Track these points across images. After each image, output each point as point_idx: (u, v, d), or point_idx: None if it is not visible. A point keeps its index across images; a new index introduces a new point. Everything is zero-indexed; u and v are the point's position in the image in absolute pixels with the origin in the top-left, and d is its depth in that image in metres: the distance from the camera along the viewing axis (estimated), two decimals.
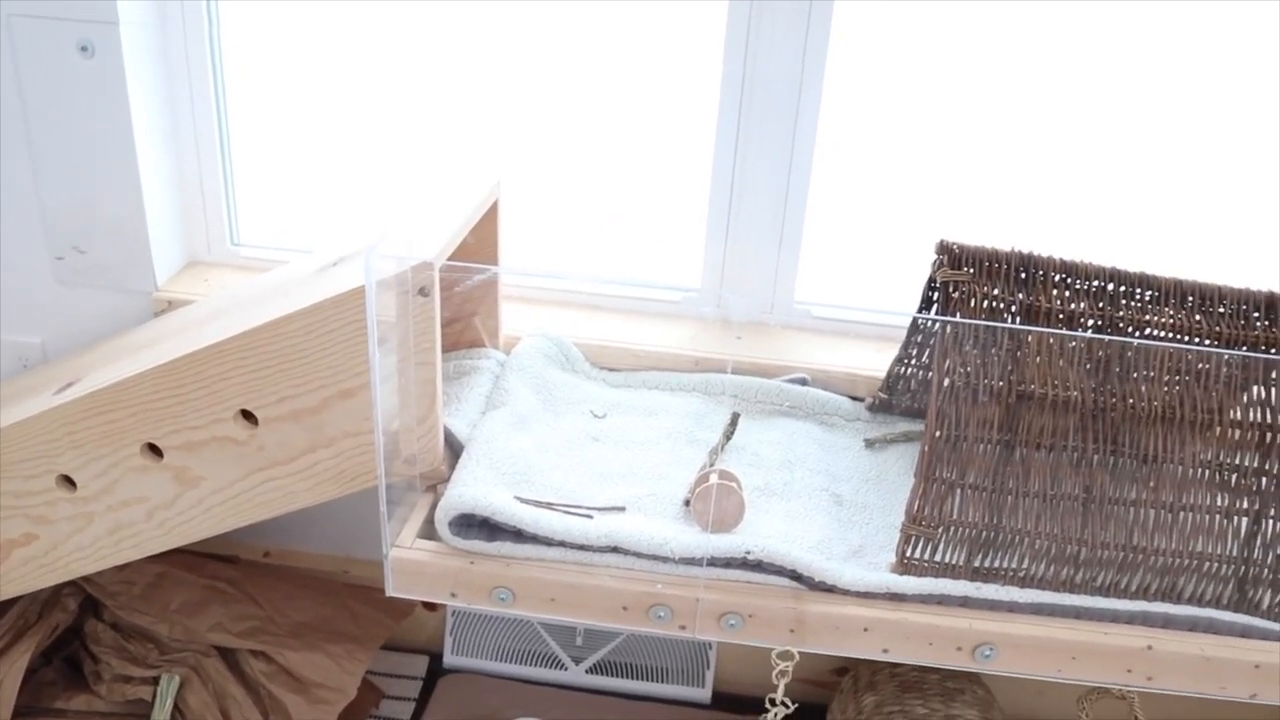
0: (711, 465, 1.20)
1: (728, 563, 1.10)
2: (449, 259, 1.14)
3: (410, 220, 1.20)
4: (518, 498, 1.14)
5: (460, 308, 1.37)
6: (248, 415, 1.19)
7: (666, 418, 1.33)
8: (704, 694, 1.66)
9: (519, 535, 1.12)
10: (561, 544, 1.11)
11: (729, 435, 1.27)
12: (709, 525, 1.11)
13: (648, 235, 1.54)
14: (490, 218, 1.30)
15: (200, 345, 1.17)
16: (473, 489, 1.12)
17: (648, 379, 1.40)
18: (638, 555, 1.10)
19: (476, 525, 1.13)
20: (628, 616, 1.11)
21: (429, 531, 1.14)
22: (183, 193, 1.51)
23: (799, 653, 1.13)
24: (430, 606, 1.66)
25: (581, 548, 1.11)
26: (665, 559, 1.10)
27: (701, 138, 1.42)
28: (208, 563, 1.58)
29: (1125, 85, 1.39)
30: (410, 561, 1.12)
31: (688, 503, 1.16)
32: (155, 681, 1.43)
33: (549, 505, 1.15)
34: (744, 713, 1.60)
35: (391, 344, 1.10)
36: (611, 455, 1.26)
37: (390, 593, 1.14)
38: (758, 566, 1.09)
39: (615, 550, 1.11)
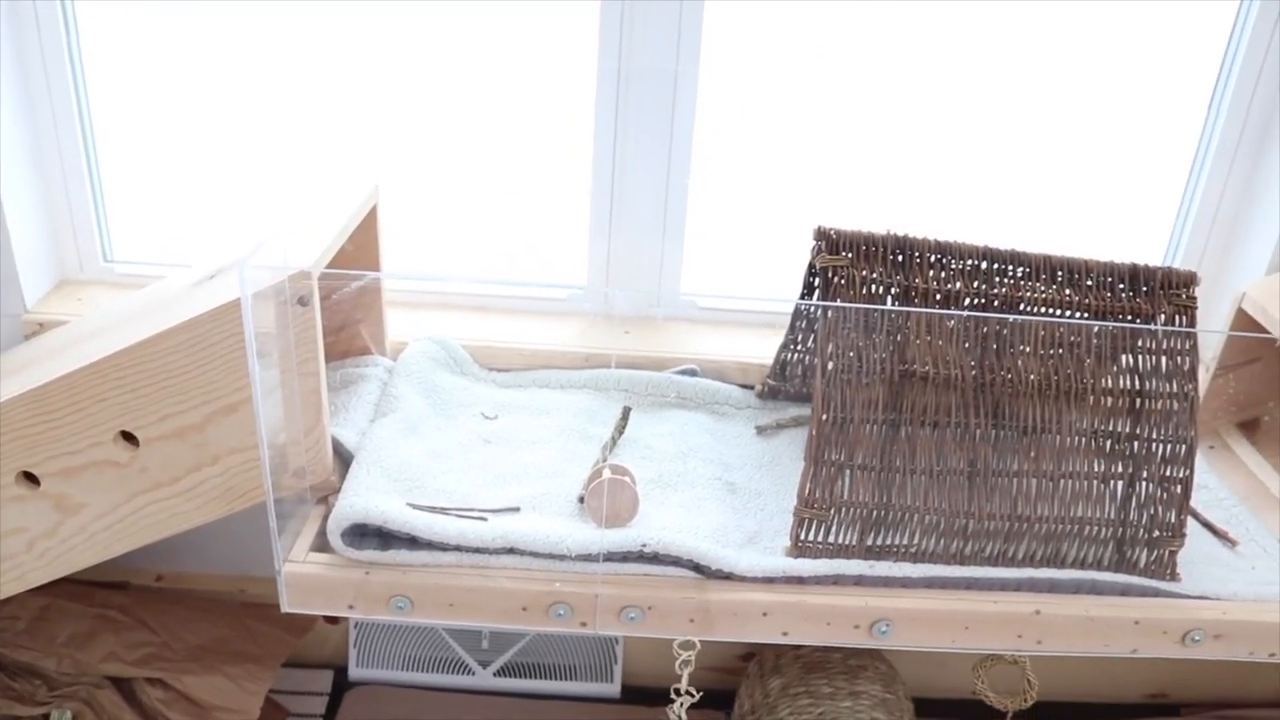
0: (605, 460, 1.21)
1: (625, 557, 1.10)
2: (328, 267, 1.12)
3: (287, 229, 1.17)
4: (410, 504, 1.13)
5: (344, 316, 1.35)
6: (128, 436, 1.15)
7: (558, 416, 1.32)
8: (613, 689, 1.66)
9: (414, 542, 1.10)
10: (457, 548, 1.10)
11: (621, 430, 1.28)
12: (604, 520, 1.11)
13: (531, 234, 1.53)
14: (369, 223, 1.28)
15: (74, 367, 1.13)
16: (364, 498, 1.10)
17: (538, 378, 1.40)
18: (534, 555, 1.10)
19: (370, 535, 1.12)
20: (528, 617, 1.11)
21: (323, 544, 1.12)
22: (50, 209, 1.46)
23: (701, 642, 1.14)
24: (332, 620, 1.63)
25: (478, 551, 1.10)
26: (562, 557, 1.10)
27: (580, 135, 1.42)
28: (96, 591, 1.53)
29: (992, 67, 1.43)
30: (305, 576, 1.10)
31: (582, 499, 1.16)
32: (45, 719, 1.38)
33: (443, 510, 1.14)
34: (654, 704, 1.61)
35: (273, 356, 1.08)
36: (504, 456, 1.25)
37: (286, 609, 1.11)
38: (655, 559, 1.10)
39: (512, 551, 1.10)
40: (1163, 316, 1.15)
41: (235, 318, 1.07)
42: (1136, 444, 1.14)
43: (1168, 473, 1.14)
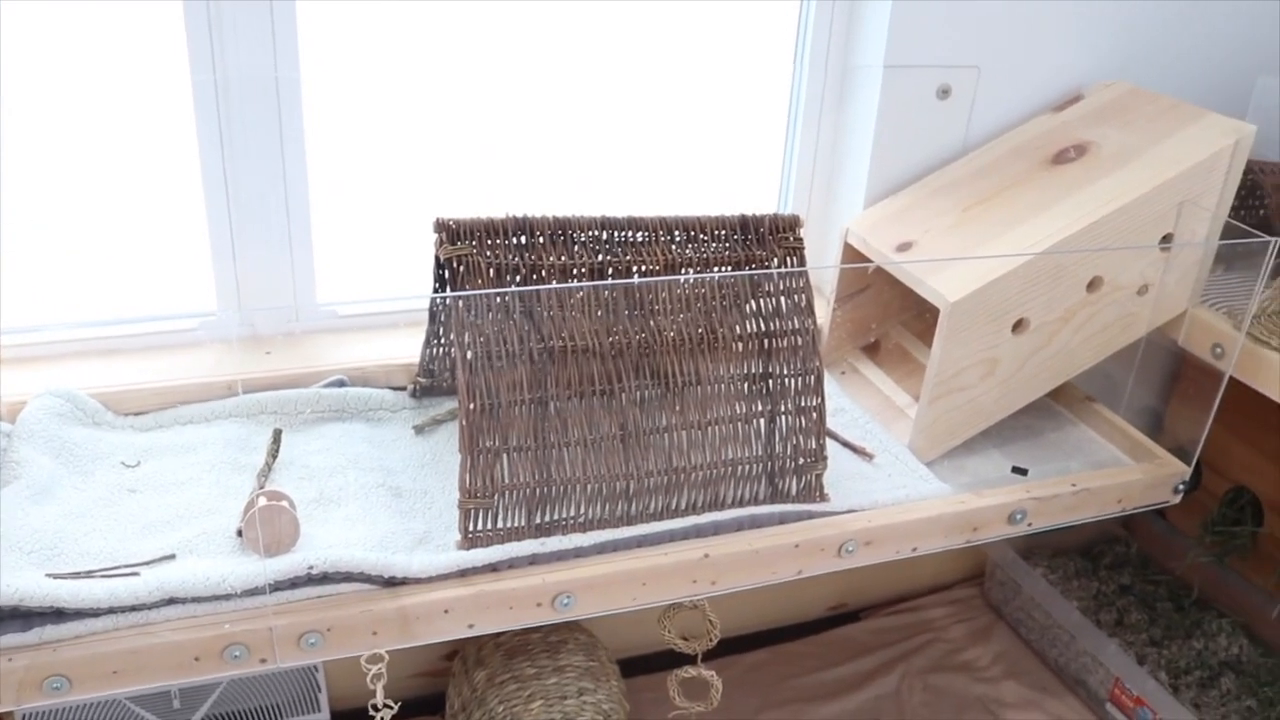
0: (261, 488, 1.16)
1: (294, 583, 1.06)
2: None
3: None
4: (49, 575, 1.04)
5: None
6: None
7: (206, 451, 1.26)
8: (323, 717, 1.61)
9: (60, 615, 1.02)
10: (111, 610, 1.02)
11: (274, 454, 1.23)
12: (264, 550, 1.07)
13: (151, 265, 1.43)
14: None
15: None
16: None
17: (180, 415, 1.32)
18: (197, 600, 1.04)
19: (7, 617, 1.02)
20: (202, 666, 1.05)
21: None
22: None
23: (392, 651, 1.12)
24: None
25: (134, 609, 1.03)
26: (228, 596, 1.04)
27: (185, 154, 1.34)
28: None
29: (592, 44, 1.47)
30: None
31: (240, 533, 1.11)
32: None
33: (88, 574, 1.05)
34: None
35: None
36: (152, 503, 1.18)
37: None
38: (325, 579, 1.06)
39: (172, 602, 1.04)
40: (775, 260, 1.23)
41: None
42: (771, 382, 1.21)
43: (803, 403, 1.22)
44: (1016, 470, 1.40)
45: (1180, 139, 1.41)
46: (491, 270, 1.13)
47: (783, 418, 1.22)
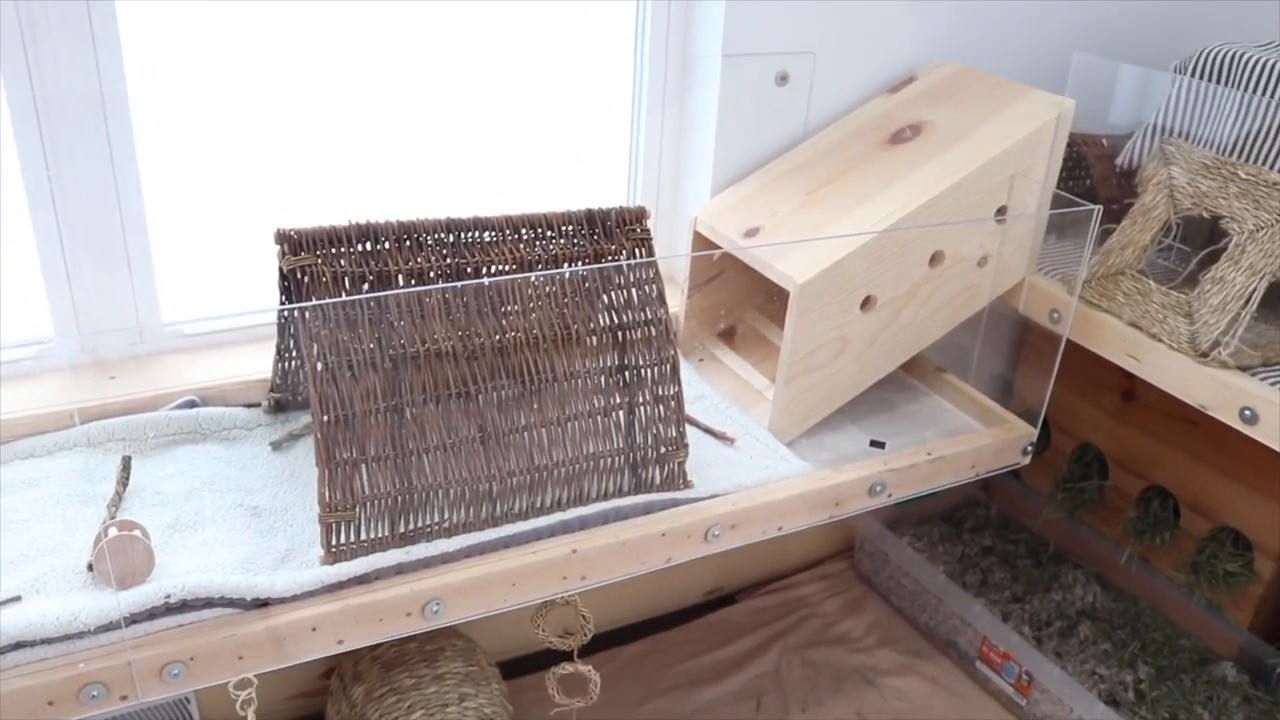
0: (111, 519, 1.12)
1: (151, 614, 1.03)
2: None
3: None
4: None
5: None
6: None
7: (50, 485, 1.21)
8: None
9: None
10: None
11: (124, 482, 1.19)
12: (117, 582, 1.03)
13: None
14: None
15: None
16: None
17: (19, 449, 1.26)
18: (48, 642, 1.00)
19: None
20: (58, 710, 1.00)
21: None
22: None
23: (258, 676, 1.09)
24: None
25: None
26: (81, 635, 1.00)
27: (7, 174, 1.29)
28: None
29: (434, 44, 1.46)
30: None
31: (91, 567, 1.07)
32: None
33: None
34: None
35: None
36: None
37: None
38: (184, 607, 1.03)
39: (20, 646, 0.99)
40: (624, 253, 1.24)
41: None
42: (628, 374, 1.22)
43: (660, 392, 1.23)
44: (874, 444, 1.44)
45: (1007, 115, 1.47)
46: (338, 279, 1.11)
47: (642, 408, 1.23)
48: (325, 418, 1.06)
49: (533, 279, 1.18)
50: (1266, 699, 1.64)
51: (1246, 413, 1.30)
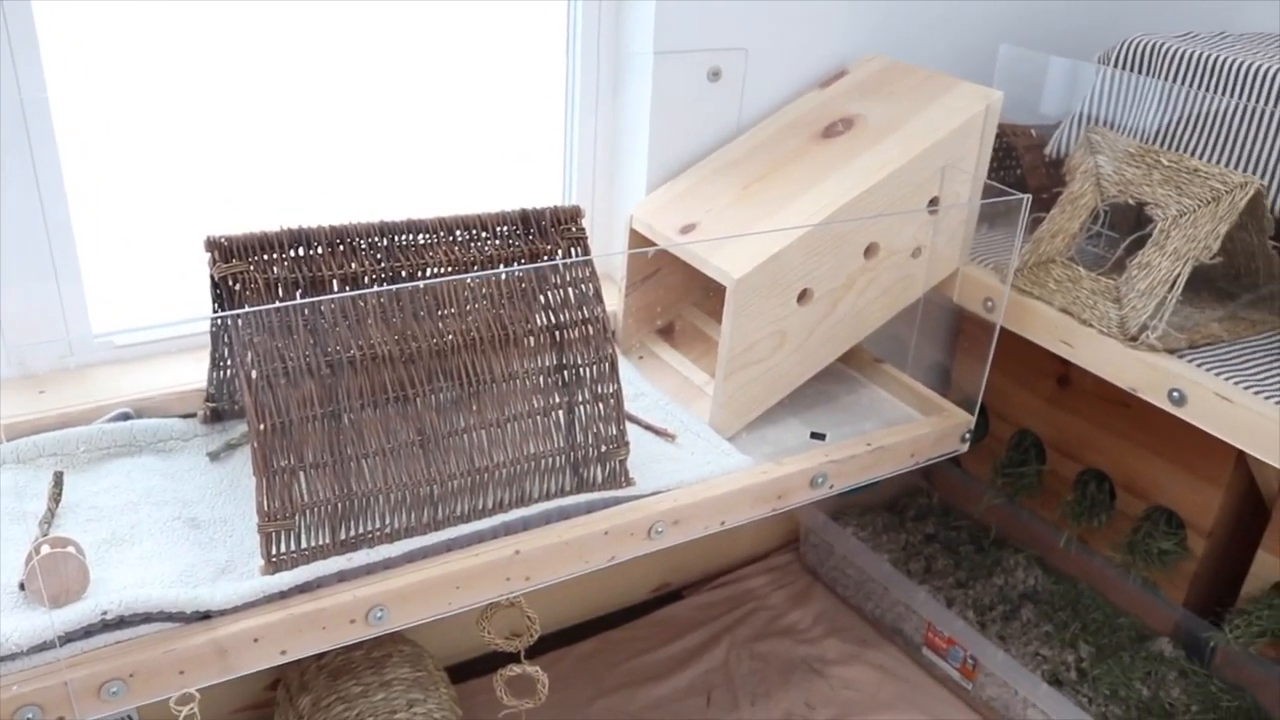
0: (43, 536, 1.10)
1: (87, 631, 1.01)
2: None
3: None
4: None
5: None
6: None
7: None
8: None
9: None
10: None
11: (56, 498, 1.17)
12: (49, 601, 1.01)
13: None
14: None
15: None
16: None
17: None
18: None
19: None
20: None
21: None
22: None
23: (201, 690, 1.08)
24: None
25: None
26: (14, 656, 0.98)
27: None
28: None
29: (361, 45, 1.45)
30: None
31: (23, 586, 1.05)
32: None
33: None
34: None
35: None
36: None
37: None
38: (121, 623, 1.02)
39: None
40: (560, 252, 1.24)
41: None
42: (567, 373, 1.22)
43: (600, 391, 1.23)
44: (815, 436, 1.46)
45: (937, 107, 1.49)
46: (271, 286, 1.10)
47: (581, 407, 1.23)
48: (261, 426, 1.05)
49: (468, 281, 1.17)
50: (1202, 672, 1.67)
51: (1175, 394, 1.33)
